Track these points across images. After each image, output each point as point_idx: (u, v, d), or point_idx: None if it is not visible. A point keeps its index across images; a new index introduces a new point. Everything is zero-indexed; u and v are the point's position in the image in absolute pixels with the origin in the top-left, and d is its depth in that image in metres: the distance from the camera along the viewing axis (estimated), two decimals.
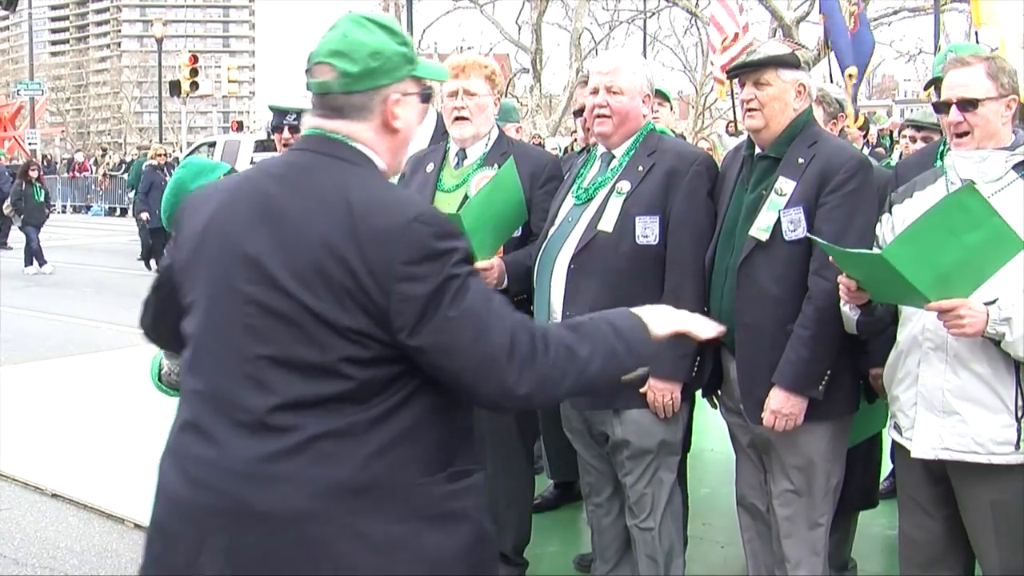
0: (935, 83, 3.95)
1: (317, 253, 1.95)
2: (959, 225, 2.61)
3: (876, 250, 3.04)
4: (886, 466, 4.41)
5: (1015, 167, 2.95)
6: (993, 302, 2.75)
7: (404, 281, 1.94)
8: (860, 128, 8.20)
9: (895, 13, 30.62)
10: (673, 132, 5.91)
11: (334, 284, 1.94)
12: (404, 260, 1.94)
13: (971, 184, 2.67)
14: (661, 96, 5.83)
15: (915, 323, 2.99)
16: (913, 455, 2.99)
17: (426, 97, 2.21)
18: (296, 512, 1.94)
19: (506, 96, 6.89)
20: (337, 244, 1.95)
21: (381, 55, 2.10)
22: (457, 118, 3.93)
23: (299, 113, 5.46)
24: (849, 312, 3.10)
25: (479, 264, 3.58)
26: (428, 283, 1.95)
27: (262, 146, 24.64)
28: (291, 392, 1.96)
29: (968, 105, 2.94)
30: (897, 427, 3.11)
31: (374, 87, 2.10)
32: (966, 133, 2.97)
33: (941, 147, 3.96)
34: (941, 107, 3.05)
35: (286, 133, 5.43)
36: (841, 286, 2.96)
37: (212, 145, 26.68)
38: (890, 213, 3.17)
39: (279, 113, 5.52)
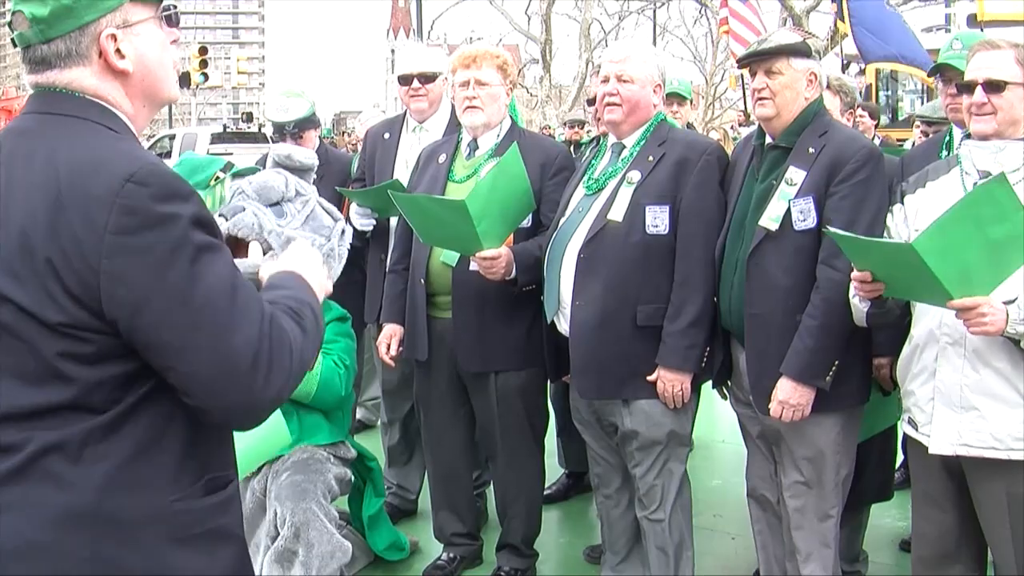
0: (940, 70, 3.93)
1: (20, 235, 1.61)
2: (985, 217, 2.57)
3: (901, 240, 3.01)
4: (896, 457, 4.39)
5: None
6: (1012, 301, 2.72)
7: (114, 256, 1.58)
8: (872, 117, 8.12)
9: (906, 2, 30.47)
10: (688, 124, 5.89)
11: (39, 270, 1.60)
12: (114, 229, 1.58)
13: (1003, 175, 2.62)
14: (678, 98, 5.80)
15: (932, 317, 2.95)
16: (931, 451, 2.96)
17: (170, 18, 1.84)
18: (25, 544, 1.63)
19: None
20: (41, 220, 1.60)
21: None
22: (468, 107, 3.93)
23: (296, 123, 5.54)
24: (859, 304, 3.07)
25: (487, 252, 3.57)
26: (146, 260, 1.59)
27: (218, 138, 24.95)
28: (11, 402, 1.64)
29: (994, 87, 2.90)
30: (912, 422, 3.07)
31: (77, 27, 1.71)
32: (988, 115, 2.93)
33: (947, 137, 3.94)
34: (965, 88, 3.01)
35: (288, 141, 5.51)
36: (854, 280, 2.93)
37: (172, 137, 27.04)
38: (902, 203, 3.14)
39: (278, 125, 5.63)
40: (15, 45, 1.76)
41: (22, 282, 1.61)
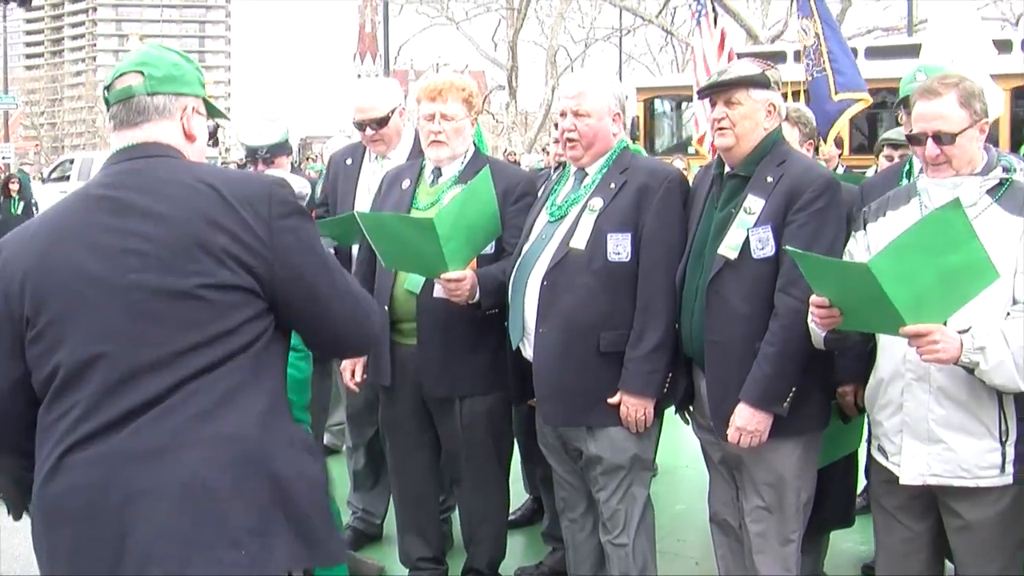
0: (905, 102, 3.98)
1: (196, 228, 2.14)
2: (940, 245, 2.59)
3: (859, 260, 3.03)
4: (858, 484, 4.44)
5: (989, 191, 2.94)
6: (967, 330, 2.76)
7: (285, 232, 2.22)
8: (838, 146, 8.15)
9: (869, 32, 30.91)
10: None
11: (215, 250, 2.13)
12: (279, 214, 2.22)
13: (957, 200, 2.65)
14: None
15: (895, 352, 2.99)
16: (902, 482, 3.02)
17: (210, 133, 2.46)
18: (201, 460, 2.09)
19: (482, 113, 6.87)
20: (216, 215, 2.16)
21: (181, 68, 2.36)
22: (433, 141, 3.94)
23: (269, 148, 5.51)
24: (816, 329, 3.09)
25: (453, 274, 3.58)
26: (300, 232, 2.26)
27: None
28: (171, 348, 2.11)
29: (945, 138, 2.92)
30: (882, 450, 3.13)
31: (176, 92, 2.33)
32: (943, 163, 2.96)
33: (907, 166, 3.99)
34: (915, 139, 3.02)
35: (260, 166, 5.50)
36: (812, 307, 2.95)
37: (72, 161, 28.48)
38: (864, 231, 3.18)
39: (251, 150, 5.59)
40: (108, 104, 2.32)
41: (200, 262, 2.12)
